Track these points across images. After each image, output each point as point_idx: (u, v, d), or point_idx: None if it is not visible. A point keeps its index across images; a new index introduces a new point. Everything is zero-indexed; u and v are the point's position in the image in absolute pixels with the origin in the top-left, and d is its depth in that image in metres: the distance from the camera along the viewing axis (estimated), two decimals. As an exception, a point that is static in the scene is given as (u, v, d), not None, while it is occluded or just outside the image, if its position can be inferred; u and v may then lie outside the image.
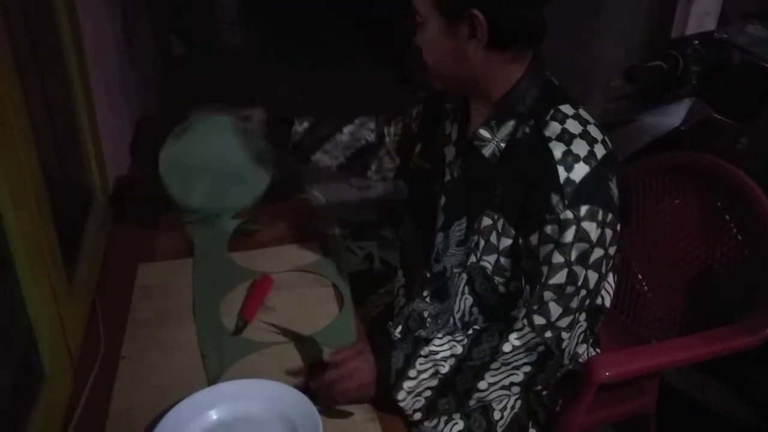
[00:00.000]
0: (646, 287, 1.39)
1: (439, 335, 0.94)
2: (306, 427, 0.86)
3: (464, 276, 1.02)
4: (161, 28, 3.14)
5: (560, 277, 0.90)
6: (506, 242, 0.96)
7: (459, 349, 0.92)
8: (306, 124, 1.27)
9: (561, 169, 0.88)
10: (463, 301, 1.03)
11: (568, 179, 0.88)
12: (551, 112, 0.92)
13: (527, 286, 0.94)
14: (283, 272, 1.23)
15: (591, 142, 0.91)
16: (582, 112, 0.94)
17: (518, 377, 0.93)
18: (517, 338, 0.91)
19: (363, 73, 4.76)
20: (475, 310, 1.02)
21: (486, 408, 1.03)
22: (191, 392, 0.91)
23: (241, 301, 1.15)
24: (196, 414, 0.89)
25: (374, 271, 2.11)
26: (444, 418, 1.02)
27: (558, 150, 0.89)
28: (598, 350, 1.15)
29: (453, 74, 0.96)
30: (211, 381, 0.96)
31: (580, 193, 0.88)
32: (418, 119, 1.23)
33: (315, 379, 0.94)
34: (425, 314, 1.08)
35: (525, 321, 0.91)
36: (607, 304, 1.05)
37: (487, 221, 0.98)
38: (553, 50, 0.99)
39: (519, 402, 1.05)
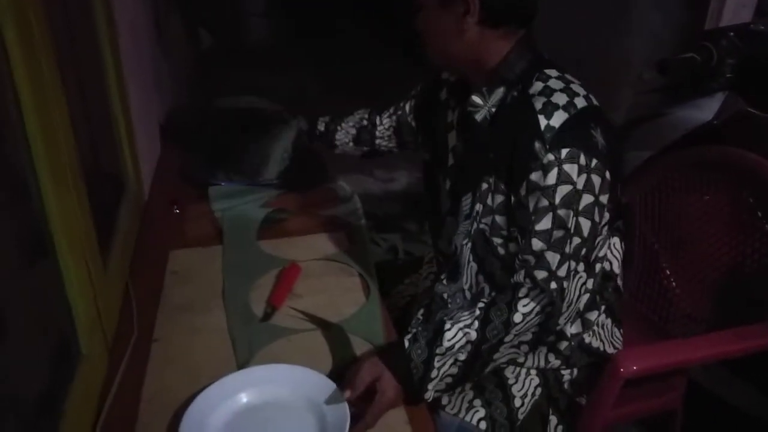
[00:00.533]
0: (674, 283, 1.38)
1: (448, 326, 0.94)
2: (334, 413, 0.87)
3: (469, 244, 1.04)
4: (190, 20, 3.18)
5: (546, 222, 0.92)
6: (499, 199, 0.99)
7: (473, 335, 0.93)
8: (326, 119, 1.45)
9: (541, 118, 0.93)
10: (470, 270, 1.05)
11: (548, 126, 0.92)
12: (536, 74, 0.98)
13: (522, 241, 0.96)
14: (311, 261, 1.25)
15: (571, 95, 0.95)
16: (568, 75, 0.99)
17: (527, 336, 0.95)
18: (525, 305, 0.93)
19: (388, 68, 4.76)
20: (480, 277, 1.04)
21: (506, 395, 1.04)
22: (221, 375, 0.93)
23: (270, 288, 1.17)
24: (226, 397, 0.91)
25: (399, 262, 2.13)
26: (465, 406, 1.03)
27: (539, 102, 0.94)
28: (620, 330, 1.14)
29: (450, 52, 1.01)
30: (241, 365, 0.98)
31: (559, 137, 0.91)
32: (412, 113, 1.30)
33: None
34: (445, 296, 1.10)
35: (527, 280, 0.93)
36: (615, 269, 1.07)
37: (484, 186, 1.01)
38: (584, 44, 1.00)
39: (540, 389, 1.06)
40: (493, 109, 1.01)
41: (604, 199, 0.95)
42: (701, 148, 1.39)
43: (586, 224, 0.93)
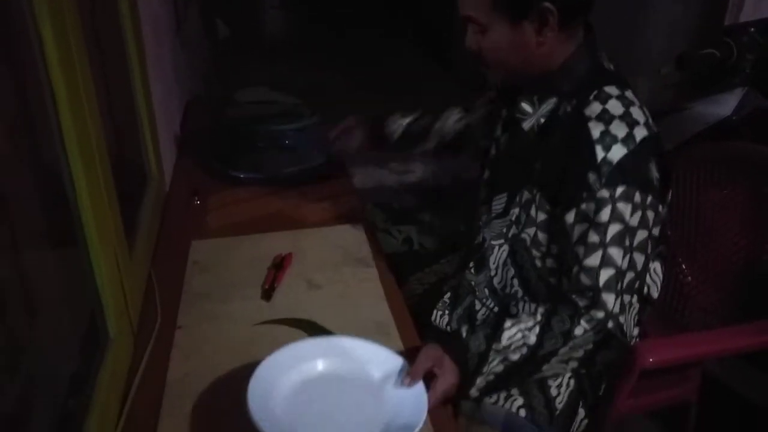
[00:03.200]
0: (689, 277, 1.38)
1: (508, 325, 0.94)
2: (412, 399, 0.86)
3: (506, 247, 1.05)
4: (208, 12, 3.20)
5: (595, 259, 0.91)
6: (541, 216, 0.99)
7: (532, 339, 0.92)
8: (402, 121, 1.35)
9: (599, 149, 0.90)
10: (506, 272, 1.06)
11: (605, 159, 0.89)
12: (595, 92, 0.94)
13: (567, 265, 0.95)
14: (327, 251, 1.27)
15: (631, 123, 0.91)
16: (628, 93, 0.95)
17: (578, 353, 0.95)
18: (587, 321, 0.92)
19: (403, 62, 4.76)
20: (515, 281, 1.05)
21: (542, 384, 1.05)
22: (244, 362, 0.95)
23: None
24: (301, 360, 0.91)
25: (417, 252, 2.14)
26: (503, 395, 1.04)
27: (596, 130, 0.91)
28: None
29: (518, 67, 0.98)
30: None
31: (616, 174, 0.89)
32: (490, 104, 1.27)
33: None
34: (473, 283, 1.12)
35: (587, 315, 0.92)
36: (654, 294, 1.06)
37: (527, 195, 1.01)
38: (601, 38, 1.00)
39: (573, 381, 1.06)
40: (542, 120, 0.98)
41: (656, 231, 0.94)
42: (720, 144, 1.39)
43: (640, 259, 0.92)
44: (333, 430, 0.84)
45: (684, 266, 1.38)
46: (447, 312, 1.15)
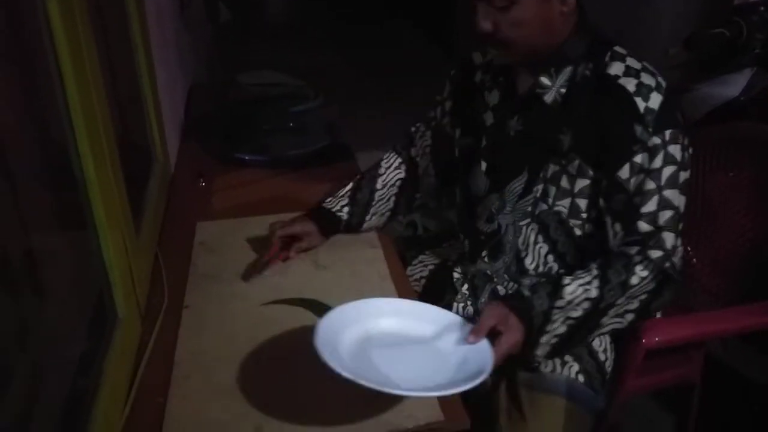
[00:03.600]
0: (694, 259, 1.38)
1: (567, 281, 0.94)
2: (476, 356, 0.86)
3: (534, 226, 1.05)
4: (210, -5, 3.18)
5: (652, 204, 0.94)
6: (582, 183, 1.00)
7: (593, 293, 0.93)
8: (346, 207, 1.23)
9: (639, 100, 0.93)
10: (537, 251, 1.07)
11: (647, 108, 0.93)
12: (608, 53, 0.98)
13: (617, 224, 0.97)
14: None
15: (653, 73, 0.96)
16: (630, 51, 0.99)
17: (634, 305, 0.96)
18: (642, 270, 0.94)
19: (395, 42, 4.73)
20: (550, 257, 1.06)
21: (591, 350, 1.06)
22: (250, 341, 0.97)
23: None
24: (368, 316, 0.92)
25: (420, 236, 2.14)
26: (559, 362, 1.05)
27: (631, 84, 0.94)
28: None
29: (539, 40, 0.98)
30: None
31: (661, 119, 0.93)
32: (447, 116, 1.22)
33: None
34: (488, 272, 1.13)
35: (640, 258, 0.94)
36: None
37: (554, 168, 1.02)
38: (607, 18, 1.00)
39: (612, 345, 1.09)
40: (563, 90, 1.00)
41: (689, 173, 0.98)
42: (727, 125, 1.39)
43: (682, 200, 0.96)
44: (399, 376, 0.84)
45: (689, 249, 1.38)
46: (470, 303, 1.15)
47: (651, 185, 0.94)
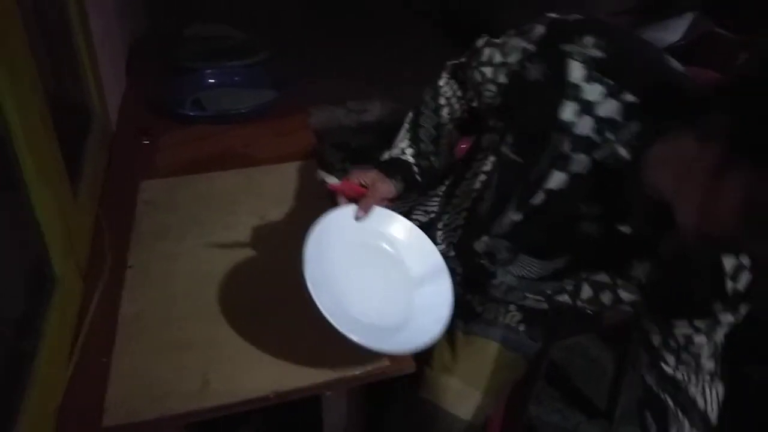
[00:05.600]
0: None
1: None
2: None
3: (544, 305, 0.98)
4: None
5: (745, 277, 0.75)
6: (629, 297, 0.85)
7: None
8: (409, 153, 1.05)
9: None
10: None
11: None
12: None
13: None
14: (281, 188, 1.26)
15: None
16: None
17: (711, 364, 0.83)
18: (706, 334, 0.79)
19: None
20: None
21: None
22: (196, 299, 0.96)
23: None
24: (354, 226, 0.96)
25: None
26: (502, 309, 1.05)
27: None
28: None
29: None
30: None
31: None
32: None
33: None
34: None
35: (704, 332, 0.79)
36: None
37: (605, 277, 0.87)
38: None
39: None
40: None
41: None
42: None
43: None
44: (368, 306, 0.86)
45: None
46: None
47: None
